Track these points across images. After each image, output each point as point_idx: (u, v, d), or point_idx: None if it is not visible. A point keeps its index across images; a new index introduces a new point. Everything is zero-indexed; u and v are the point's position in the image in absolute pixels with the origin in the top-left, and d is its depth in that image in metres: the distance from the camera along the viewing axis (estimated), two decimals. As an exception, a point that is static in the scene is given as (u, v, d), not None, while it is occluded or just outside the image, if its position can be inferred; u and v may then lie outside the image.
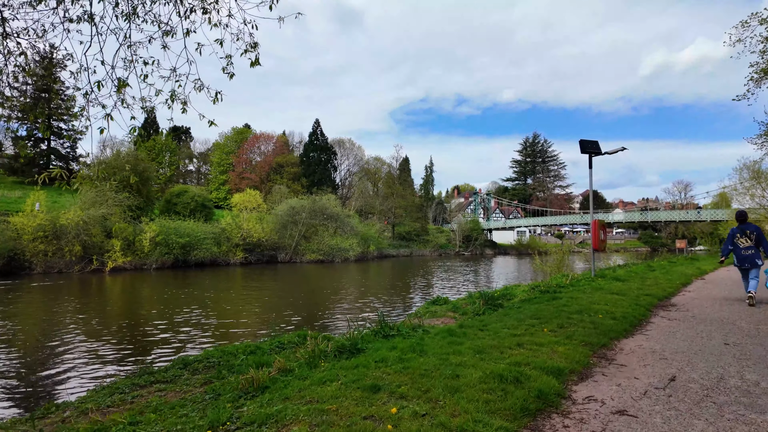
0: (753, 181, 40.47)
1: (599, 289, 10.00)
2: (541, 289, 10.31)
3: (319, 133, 66.53)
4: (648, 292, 9.74)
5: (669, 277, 13.13)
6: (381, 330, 5.85)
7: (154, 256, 37.27)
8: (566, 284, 11.07)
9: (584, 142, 12.57)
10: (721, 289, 11.07)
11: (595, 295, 9.05)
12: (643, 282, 11.88)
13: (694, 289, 11.19)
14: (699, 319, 7.12)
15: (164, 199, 46.33)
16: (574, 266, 38.77)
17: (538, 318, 6.82)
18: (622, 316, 6.98)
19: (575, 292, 9.72)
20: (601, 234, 12.33)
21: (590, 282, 11.66)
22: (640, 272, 14.46)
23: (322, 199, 49.37)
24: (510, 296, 10.74)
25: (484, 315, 7.93)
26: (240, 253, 41.89)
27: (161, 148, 66.15)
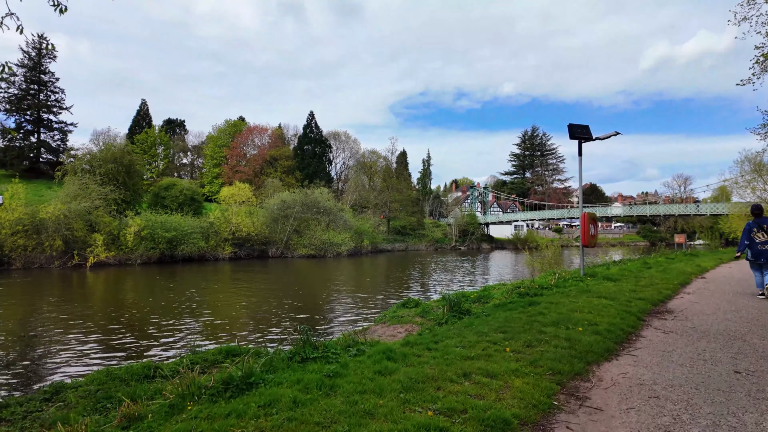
0: (754, 173, 39.11)
1: (586, 292, 8.73)
2: (520, 291, 9.06)
3: (313, 126, 65.08)
4: (641, 295, 8.48)
5: (666, 276, 11.87)
6: (300, 351, 4.60)
7: (139, 251, 36.12)
8: (550, 285, 9.82)
9: (573, 126, 11.25)
10: (725, 291, 9.80)
11: (579, 300, 7.79)
12: (637, 282, 10.62)
13: (694, 291, 9.93)
14: (700, 332, 5.86)
15: (153, 193, 45.08)
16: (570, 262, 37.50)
17: (505, 331, 5.56)
18: (608, 328, 5.72)
19: (558, 295, 8.45)
20: (591, 228, 11.05)
21: (578, 282, 10.40)
22: (635, 270, 13.19)
23: (314, 193, 48.08)
24: (487, 298, 9.49)
25: (446, 325, 6.68)
26: (228, 247, 40.69)
27: (153, 141, 64.81)
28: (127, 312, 14.62)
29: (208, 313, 14.33)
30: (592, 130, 11.47)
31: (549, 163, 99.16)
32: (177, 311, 14.62)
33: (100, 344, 10.15)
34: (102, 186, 36.94)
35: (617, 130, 11.38)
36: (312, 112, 64.51)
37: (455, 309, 7.14)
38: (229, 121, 68.66)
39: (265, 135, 67.08)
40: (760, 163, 38.15)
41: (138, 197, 42.32)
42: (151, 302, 17.27)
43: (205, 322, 12.79)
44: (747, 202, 38.43)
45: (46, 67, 57.71)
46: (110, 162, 39.91)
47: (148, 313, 14.32)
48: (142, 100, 67.98)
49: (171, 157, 73.57)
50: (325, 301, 16.91)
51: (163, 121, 77.50)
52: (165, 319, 13.38)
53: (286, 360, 4.49)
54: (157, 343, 10.45)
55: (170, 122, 77.89)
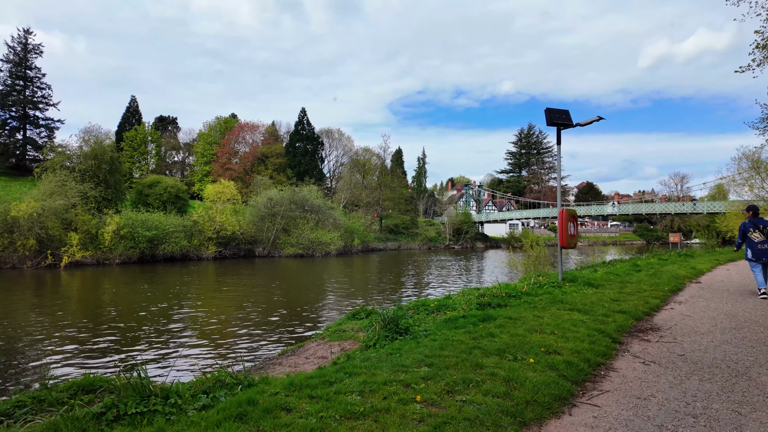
0: (752, 171, 37.74)
1: (558, 302, 7.31)
2: (482, 300, 7.63)
3: (305, 123, 63.58)
4: (623, 307, 7.06)
5: (656, 281, 10.45)
6: (119, 404, 3.19)
7: (117, 251, 34.73)
8: (520, 293, 8.40)
9: (552, 111, 9.82)
10: (723, 299, 8.38)
11: (546, 314, 6.38)
12: (622, 289, 9.19)
13: (687, 299, 8.51)
14: (691, 363, 4.45)
15: (136, 191, 43.63)
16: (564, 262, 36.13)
17: (432, 364, 4.15)
18: (569, 359, 4.30)
19: (523, 306, 7.04)
20: (570, 227, 9.62)
21: (553, 289, 8.98)
22: (623, 274, 11.77)
23: (303, 190, 46.63)
24: (446, 308, 8.08)
25: (373, 348, 5.28)
26: (212, 247, 39.27)
27: (143, 139, 63.32)
28: (84, 315, 13.20)
29: (173, 317, 12.92)
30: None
31: (545, 162, 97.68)
32: (140, 315, 13.20)
33: (27, 357, 8.72)
34: (81, 183, 35.52)
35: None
36: (304, 109, 63.05)
37: (390, 327, 5.72)
38: (219, 118, 67.16)
39: (256, 132, 65.63)
40: (758, 160, 36.75)
41: (120, 195, 40.88)
42: (115, 304, 15.88)
43: (165, 328, 11.37)
44: (744, 201, 37.06)
45: (33, 62, 56.19)
46: (91, 158, 38.51)
47: (106, 316, 12.90)
48: (132, 97, 66.55)
49: (162, 155, 72.15)
50: (303, 303, 15.49)
51: (155, 118, 76.08)
52: (124, 323, 11.98)
53: (92, 419, 3.07)
54: (97, 354, 9.04)
55: (162, 119, 76.43)
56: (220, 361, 8.75)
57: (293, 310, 14.57)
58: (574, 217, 9.91)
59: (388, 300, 17.43)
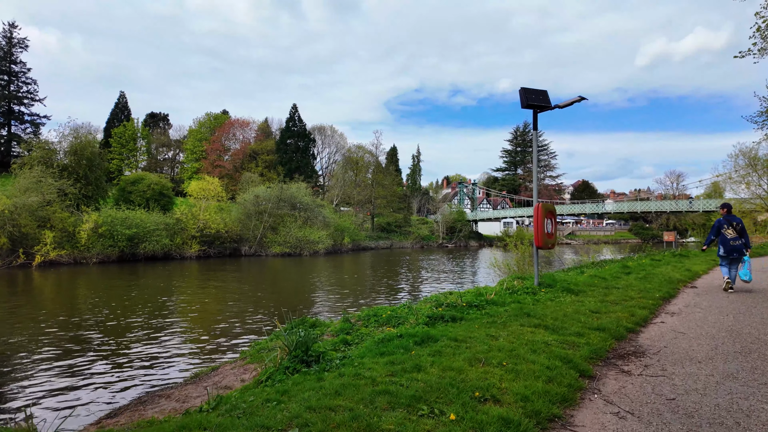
0: (749, 168, 36.51)
1: (524, 315, 5.97)
2: (434, 312, 6.28)
3: (296, 119, 62.11)
4: (603, 322, 5.73)
5: (646, 286, 9.13)
6: None
7: (95, 249, 33.32)
8: (483, 301, 7.06)
9: (527, 91, 8.47)
10: (723, 309, 7.06)
11: (504, 333, 5.04)
12: (606, 296, 7.86)
13: (681, 309, 7.19)
14: (685, 416, 3.11)
15: (119, 188, 42.21)
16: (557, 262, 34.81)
17: (306, 426, 2.83)
18: (507, 415, 2.95)
19: (480, 322, 5.70)
20: (546, 225, 8.28)
21: (525, 296, 7.65)
22: (609, 277, 10.44)
23: (291, 188, 45.22)
24: (399, 319, 6.75)
25: (262, 387, 3.95)
26: (196, 245, 37.85)
27: (131, 135, 61.81)
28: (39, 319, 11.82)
29: (134, 323, 11.55)
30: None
31: (540, 160, 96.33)
32: (100, 320, 11.82)
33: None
34: (58, 180, 34.08)
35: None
36: (295, 105, 61.56)
37: (297, 354, 4.36)
38: (210, 114, 65.66)
39: (247, 129, 64.18)
40: (755, 156, 35.54)
41: (101, 192, 39.47)
42: (80, 307, 14.52)
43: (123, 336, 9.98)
44: (741, 199, 35.86)
45: (17, 57, 54.65)
46: (70, 154, 37.08)
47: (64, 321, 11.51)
48: (121, 93, 65.10)
49: (153, 152, 70.70)
50: (274, 307, 14.11)
51: (146, 114, 74.61)
52: (77, 330, 10.61)
53: None
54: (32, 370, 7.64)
55: (153, 116, 74.94)
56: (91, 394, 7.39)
57: (257, 316, 13.22)
58: (552, 214, 8.57)
59: (361, 303, 16.11)
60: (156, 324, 11.91)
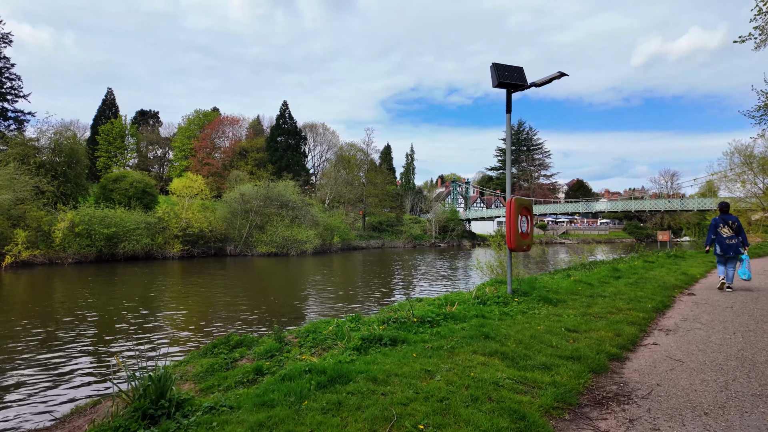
0: (744, 166, 35.47)
1: (481, 338, 4.72)
2: (372, 331, 5.02)
3: (287, 116, 60.69)
4: (580, 345, 4.49)
5: (637, 293, 7.90)
6: None
7: (72, 249, 31.93)
8: (443, 314, 5.81)
9: (500, 68, 7.22)
10: (728, 324, 5.84)
11: (445, 366, 3.79)
12: (589, 307, 6.63)
13: (677, 325, 5.96)
14: None
15: (100, 186, 40.76)
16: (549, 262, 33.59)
17: None
18: None
19: (423, 347, 4.43)
20: (521, 223, 7.03)
21: (494, 308, 6.41)
22: (596, 282, 9.20)
23: (278, 186, 43.87)
24: (338, 338, 5.50)
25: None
26: (178, 245, 36.48)
27: (119, 132, 60.27)
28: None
29: (82, 331, 10.19)
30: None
31: (535, 159, 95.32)
32: (49, 327, 10.44)
33: None
34: (35, 177, 32.64)
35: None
36: (285, 102, 60.12)
37: (144, 405, 3.08)
38: (199, 111, 64.15)
39: (237, 126, 62.75)
40: (750, 154, 34.51)
41: (81, 190, 38.04)
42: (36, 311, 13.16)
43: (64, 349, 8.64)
44: (737, 197, 34.83)
45: (1, 52, 53.04)
46: (48, 151, 35.67)
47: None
48: (108, 89, 63.49)
49: (143, 150, 69.17)
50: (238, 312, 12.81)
51: (136, 112, 73.07)
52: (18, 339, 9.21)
53: None
54: None
55: (143, 113, 73.39)
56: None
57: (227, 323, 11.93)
58: (528, 210, 7.31)
59: (339, 307, 14.86)
60: (93, 333, 10.61)
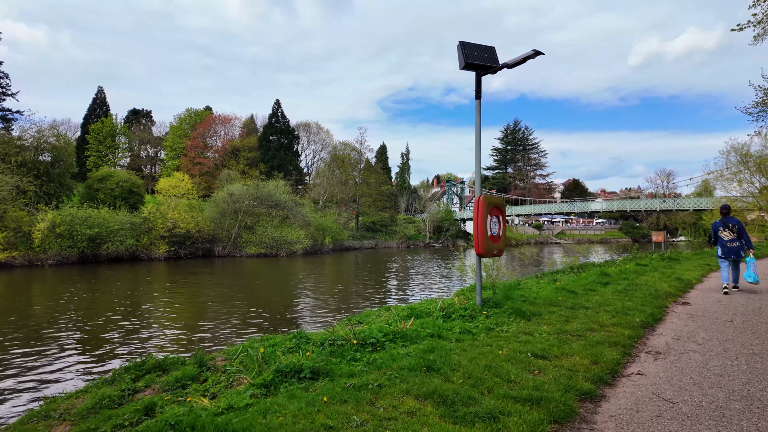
0: (741, 165, 34.61)
1: (423, 370, 3.77)
2: (293, 363, 4.07)
3: (279, 115, 59.68)
4: (544, 381, 3.55)
5: (625, 304, 6.96)
6: None
7: (53, 250, 30.90)
8: (392, 334, 4.86)
9: (467, 47, 6.26)
10: (729, 345, 4.91)
11: (357, 420, 2.87)
12: (567, 322, 5.69)
13: (669, 345, 5.02)
14: None
15: (86, 185, 39.74)
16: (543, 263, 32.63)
17: None
18: None
19: (341, 385, 3.46)
20: (490, 224, 6.09)
21: (456, 324, 5.46)
22: (581, 290, 8.25)
23: (268, 185, 42.88)
24: (245, 371, 4.54)
25: None
26: (164, 246, 35.47)
27: (109, 131, 59.18)
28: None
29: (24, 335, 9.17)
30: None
31: (531, 158, 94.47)
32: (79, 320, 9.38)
33: None
34: (15, 176, 31.60)
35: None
36: (278, 101, 59.12)
37: None
38: (191, 110, 63.09)
39: (230, 125, 61.72)
40: (747, 153, 33.64)
41: (65, 189, 37.01)
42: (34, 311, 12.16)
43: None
44: (733, 197, 34.02)
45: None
46: (30, 149, 34.65)
47: None
48: (99, 88, 62.40)
49: (136, 149, 68.08)
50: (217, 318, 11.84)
51: (129, 111, 71.96)
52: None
53: None
54: None
55: (136, 113, 72.28)
56: None
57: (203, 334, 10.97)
58: (500, 210, 6.36)
59: (314, 315, 13.92)
60: (39, 339, 9.63)
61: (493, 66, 6.25)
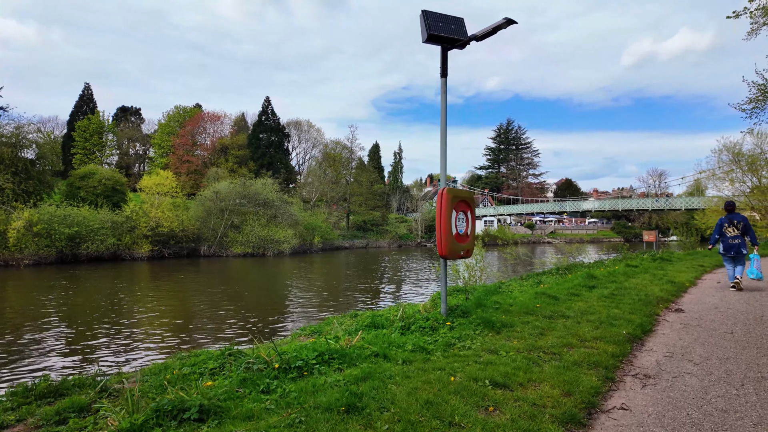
0: (733, 164, 34.06)
1: (345, 409, 2.90)
2: (182, 400, 3.21)
3: (269, 113, 58.60)
4: (501, 422, 2.73)
5: (611, 312, 6.14)
6: None
7: (29, 250, 29.78)
8: (326, 354, 4.01)
9: (431, 17, 5.40)
10: (730, 365, 4.09)
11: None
12: (542, 335, 4.85)
13: (658, 367, 4.20)
14: None
15: (67, 183, 38.55)
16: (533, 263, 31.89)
17: None
18: None
19: (246, 423, 2.65)
20: (457, 222, 5.25)
21: (411, 339, 4.61)
22: (563, 295, 7.42)
23: (255, 183, 41.89)
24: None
25: None
26: (146, 245, 34.39)
27: (96, 129, 57.83)
28: None
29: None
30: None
31: (524, 157, 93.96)
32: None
33: None
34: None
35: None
36: (268, 98, 58.05)
37: None
38: (179, 107, 61.82)
39: (218, 123, 60.57)
40: (739, 152, 33.09)
41: (45, 187, 35.81)
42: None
43: None
44: (725, 196, 33.49)
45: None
46: (7, 146, 33.41)
47: None
48: (86, 84, 60.97)
49: (125, 147, 66.73)
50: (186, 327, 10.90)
51: (117, 108, 70.55)
52: None
53: None
54: None
55: (125, 110, 70.89)
56: None
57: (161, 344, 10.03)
58: (468, 205, 5.51)
59: (295, 315, 13.03)
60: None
61: (460, 39, 5.39)
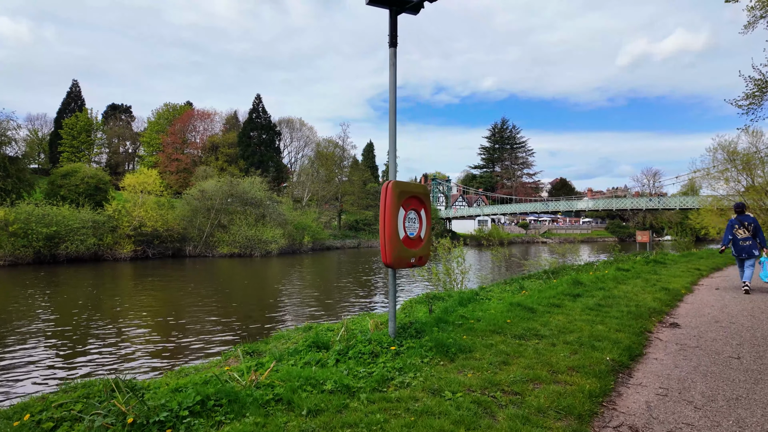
0: (728, 163, 33.27)
1: None
2: None
3: (260, 111, 57.45)
4: None
5: (595, 328, 5.18)
6: None
7: (5, 250, 28.62)
8: (211, 399, 3.03)
9: (373, -23, 4.43)
10: (741, 412, 3.14)
11: None
12: (503, 367, 3.87)
13: (648, 414, 3.23)
14: None
15: (48, 181, 37.37)
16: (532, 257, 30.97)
17: None
18: None
19: None
20: (407, 223, 4.27)
21: (343, 370, 3.64)
22: (542, 306, 6.44)
23: (243, 182, 40.81)
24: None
25: None
26: (129, 245, 33.26)
27: (84, 126, 56.53)
28: None
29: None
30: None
31: (518, 157, 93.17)
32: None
33: None
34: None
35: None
36: (259, 95, 56.89)
37: None
38: (169, 105, 60.61)
39: (209, 121, 59.39)
40: (734, 151, 32.27)
41: (25, 185, 34.64)
42: None
43: None
44: (721, 196, 32.68)
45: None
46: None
47: None
48: (74, 81, 59.64)
49: (114, 145, 65.41)
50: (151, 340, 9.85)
51: (107, 106, 69.21)
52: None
53: None
54: None
55: (114, 108, 69.54)
56: None
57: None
58: (421, 202, 4.50)
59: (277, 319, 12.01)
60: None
61: (408, 2, 4.41)
